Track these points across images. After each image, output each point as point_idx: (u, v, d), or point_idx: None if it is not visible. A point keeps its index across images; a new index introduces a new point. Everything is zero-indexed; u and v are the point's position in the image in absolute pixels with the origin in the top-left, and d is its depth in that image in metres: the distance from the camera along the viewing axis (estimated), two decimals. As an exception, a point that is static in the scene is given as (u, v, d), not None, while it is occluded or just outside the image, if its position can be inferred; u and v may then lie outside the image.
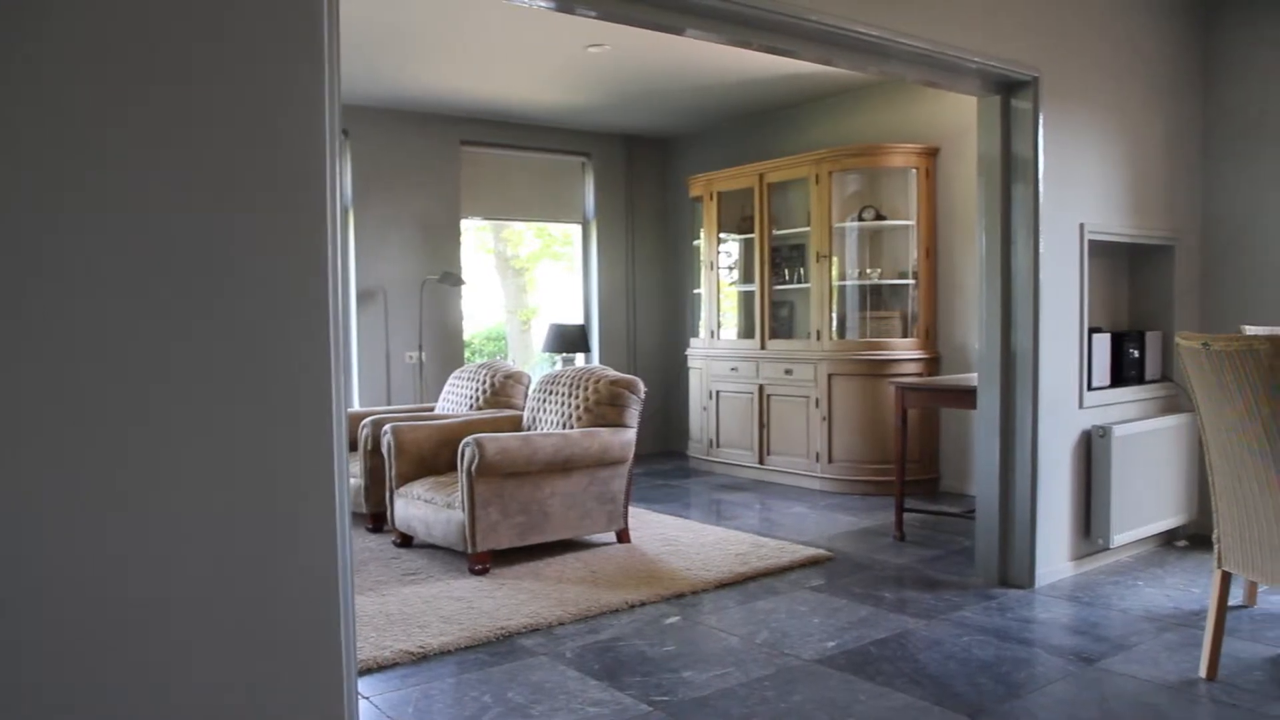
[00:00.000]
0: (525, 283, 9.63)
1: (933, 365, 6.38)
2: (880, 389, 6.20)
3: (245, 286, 1.91)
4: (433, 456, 5.08)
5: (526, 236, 9.39)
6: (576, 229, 8.27)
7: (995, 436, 4.21)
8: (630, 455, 4.93)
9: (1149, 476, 4.53)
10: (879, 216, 6.53)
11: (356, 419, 5.70)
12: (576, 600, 4.00)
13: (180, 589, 1.85)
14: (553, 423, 5.16)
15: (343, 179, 6.64)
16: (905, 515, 5.18)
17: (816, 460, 6.54)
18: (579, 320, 8.11)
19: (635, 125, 7.87)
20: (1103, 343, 4.53)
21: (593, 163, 8.09)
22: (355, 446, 5.52)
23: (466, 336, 7.65)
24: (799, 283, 6.88)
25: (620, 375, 5.07)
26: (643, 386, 5.06)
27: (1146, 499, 4.53)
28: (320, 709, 2.02)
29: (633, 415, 4.97)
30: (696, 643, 3.55)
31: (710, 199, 7.39)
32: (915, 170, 6.34)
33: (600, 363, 7.96)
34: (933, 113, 6.31)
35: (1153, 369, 4.82)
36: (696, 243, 7.71)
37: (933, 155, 6.33)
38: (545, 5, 2.91)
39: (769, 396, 6.90)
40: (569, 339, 7.60)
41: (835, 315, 6.54)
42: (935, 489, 6.36)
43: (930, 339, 6.39)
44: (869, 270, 6.58)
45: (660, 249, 8.50)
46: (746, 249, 7.41)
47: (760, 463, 6.97)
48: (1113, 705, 2.94)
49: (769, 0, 3.07)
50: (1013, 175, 4.15)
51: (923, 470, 6.29)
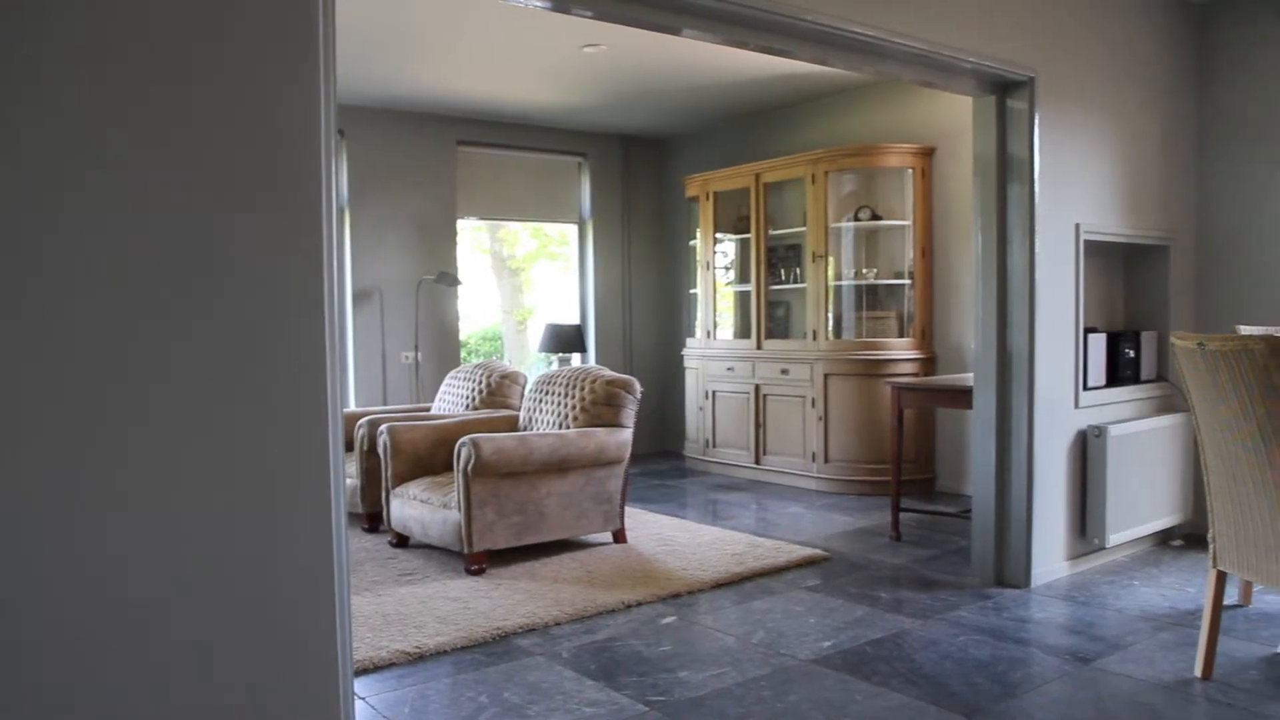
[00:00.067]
0: (521, 283, 9.62)
1: (929, 365, 6.39)
2: (876, 389, 6.21)
3: (241, 287, 1.91)
4: (429, 456, 5.08)
5: (522, 236, 9.39)
6: (572, 229, 8.26)
7: (991, 436, 4.22)
8: (626, 455, 4.93)
9: (1144, 476, 4.54)
10: (875, 216, 6.54)
11: (352, 419, 5.70)
12: (573, 600, 4.00)
13: (177, 589, 1.84)
14: (549, 423, 5.16)
15: (339, 179, 6.64)
16: (901, 515, 5.18)
17: (813, 460, 6.55)
18: (575, 320, 8.11)
19: (631, 125, 7.87)
20: (1098, 343, 4.53)
21: (589, 163, 8.08)
22: (351, 446, 5.52)
23: (463, 336, 7.64)
24: (795, 283, 6.89)
25: (616, 375, 5.06)
26: (639, 386, 5.06)
27: (1142, 499, 4.54)
28: (316, 709, 2.01)
29: (629, 415, 4.97)
30: (693, 643, 3.55)
31: (706, 199, 7.39)
32: (911, 170, 6.35)
33: (596, 363, 7.95)
34: (928, 113, 6.32)
35: (1148, 369, 4.83)
36: (693, 243, 7.71)
37: (929, 155, 6.33)
38: (541, 5, 2.91)
39: (765, 396, 6.91)
40: (565, 339, 7.60)
41: (831, 315, 6.54)
42: (931, 489, 6.36)
43: (926, 339, 6.40)
44: (865, 270, 6.59)
45: (656, 249, 8.50)
46: (743, 249, 7.41)
47: (756, 463, 6.97)
48: (1108, 705, 2.94)
49: (765, 0, 3.07)
50: (1008, 175, 4.15)
51: (919, 470, 6.30)
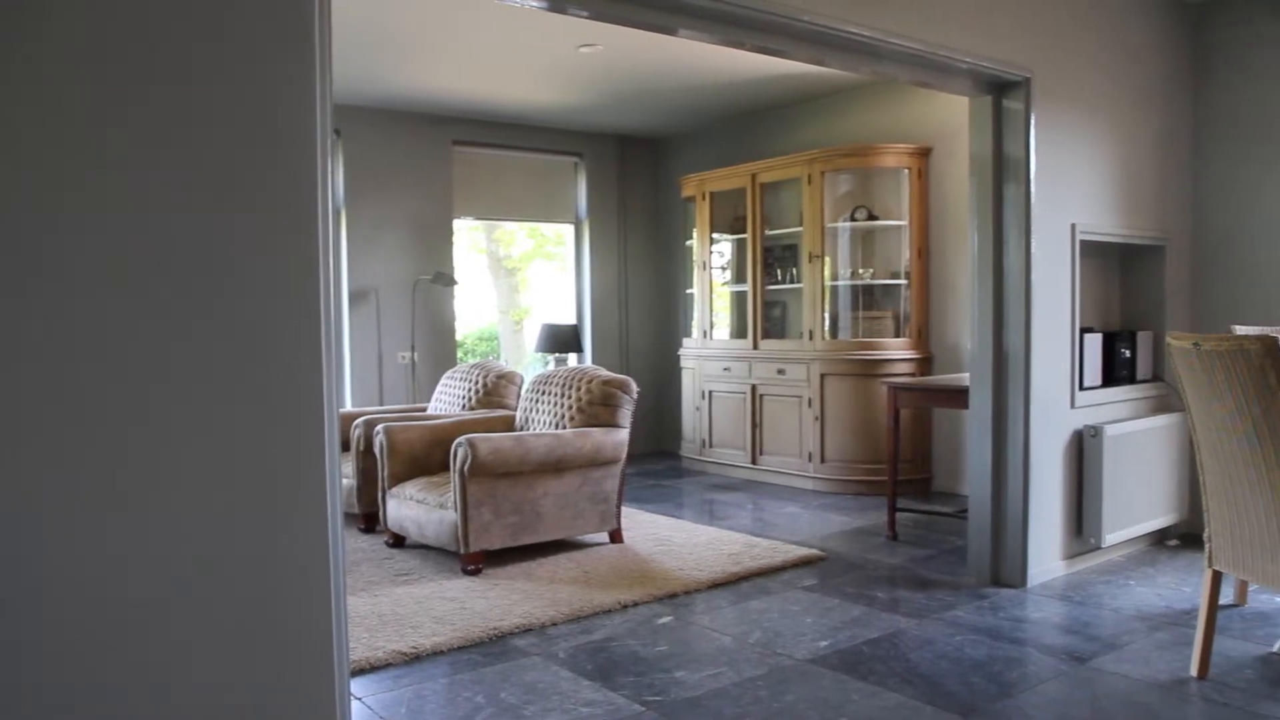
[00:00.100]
0: (518, 283, 9.62)
1: (925, 365, 6.39)
2: (873, 389, 6.21)
3: (237, 287, 1.90)
4: (425, 457, 5.07)
5: (519, 236, 9.38)
6: (569, 229, 8.26)
7: (987, 436, 4.22)
8: (623, 455, 4.93)
9: (1140, 476, 4.54)
10: (871, 216, 6.54)
11: (349, 419, 5.69)
12: (569, 600, 4.00)
13: (174, 590, 1.84)
14: (545, 423, 5.15)
15: (335, 179, 6.63)
16: (898, 515, 5.18)
17: (809, 460, 6.55)
18: (571, 320, 8.10)
19: (628, 125, 7.87)
20: (1094, 343, 4.54)
21: (585, 163, 8.08)
22: (348, 447, 5.51)
23: (459, 337, 7.63)
24: (791, 283, 6.89)
25: (613, 375, 5.06)
26: (635, 387, 5.05)
27: (1138, 498, 4.55)
28: (313, 710, 2.01)
29: (625, 415, 4.97)
30: (689, 643, 3.55)
31: (703, 199, 7.39)
32: (907, 170, 6.35)
33: (593, 363, 7.95)
34: (925, 113, 6.32)
35: (1144, 369, 4.84)
36: (689, 243, 7.71)
37: (925, 155, 6.34)
38: (537, 5, 2.90)
39: (762, 396, 6.91)
40: (561, 339, 7.59)
41: (828, 315, 6.55)
42: (927, 489, 6.37)
43: (922, 339, 6.40)
44: (861, 270, 6.59)
45: (653, 249, 8.50)
46: (739, 249, 7.41)
47: (753, 463, 6.97)
48: (1104, 704, 2.95)
49: (761, 1, 3.07)
50: (1004, 175, 4.16)
51: (915, 470, 6.30)
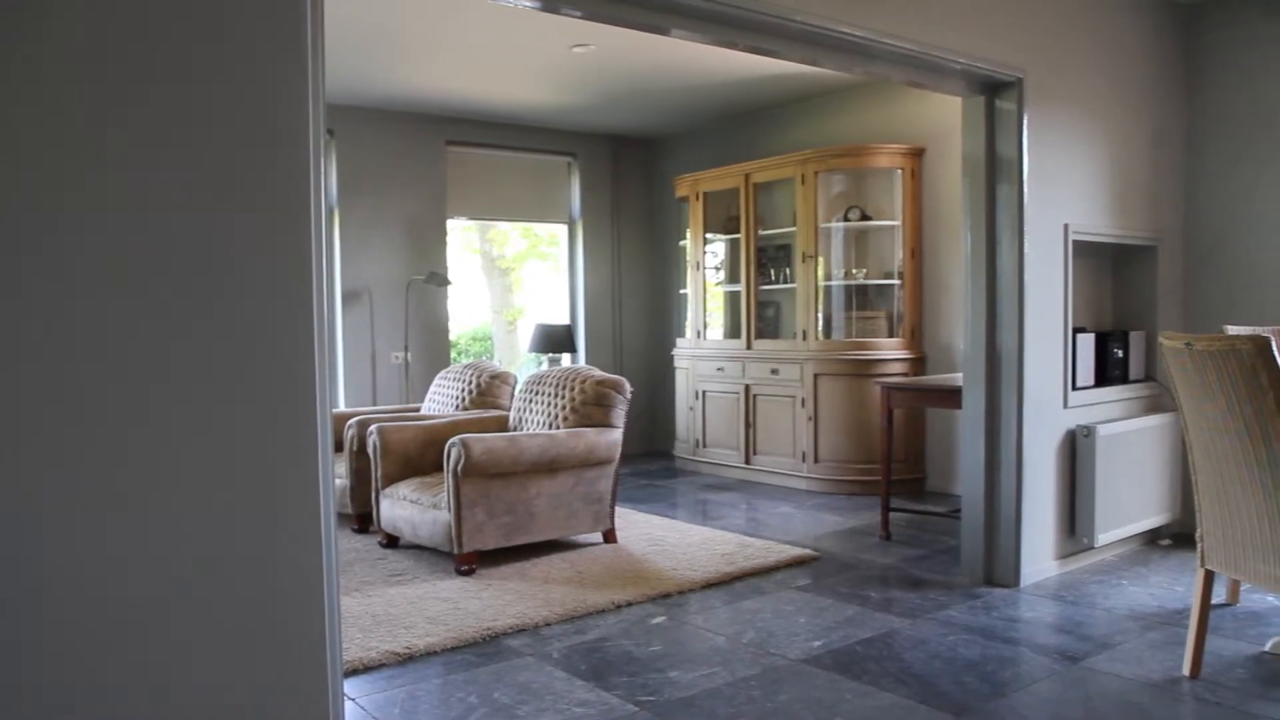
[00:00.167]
0: (511, 283, 9.61)
1: (918, 365, 6.40)
2: (866, 389, 6.22)
3: (230, 287, 1.90)
4: (419, 457, 5.06)
5: (512, 236, 9.38)
6: (562, 229, 8.25)
7: (980, 436, 4.22)
8: (616, 455, 4.93)
9: (1133, 476, 4.55)
10: (864, 217, 6.54)
11: (342, 419, 5.68)
12: (563, 601, 3.99)
13: (169, 591, 1.84)
14: (539, 423, 5.15)
15: (328, 179, 6.61)
16: (891, 515, 5.19)
17: (803, 460, 6.55)
18: (565, 320, 8.10)
19: (621, 125, 7.86)
20: (1087, 343, 4.55)
21: (578, 163, 8.08)
22: (341, 447, 5.50)
23: (452, 337, 7.62)
24: (785, 283, 6.89)
25: (606, 375, 5.06)
26: (629, 387, 5.05)
27: (1130, 498, 4.56)
28: (306, 711, 2.01)
29: (619, 415, 4.97)
30: (683, 643, 3.55)
31: (696, 199, 7.39)
32: (901, 170, 6.36)
33: (586, 363, 7.94)
34: (918, 113, 6.33)
35: (1136, 369, 4.85)
36: (682, 243, 7.70)
37: (918, 156, 6.34)
38: (530, 5, 2.90)
39: (755, 396, 6.91)
40: (555, 339, 7.59)
41: (821, 315, 6.55)
42: (921, 489, 6.37)
43: (916, 339, 6.41)
44: (855, 270, 6.60)
45: (646, 249, 8.49)
46: (732, 249, 7.41)
47: (746, 463, 6.97)
48: (1097, 704, 2.95)
49: (754, 1, 3.07)
50: (997, 176, 4.16)
51: (908, 470, 6.31)
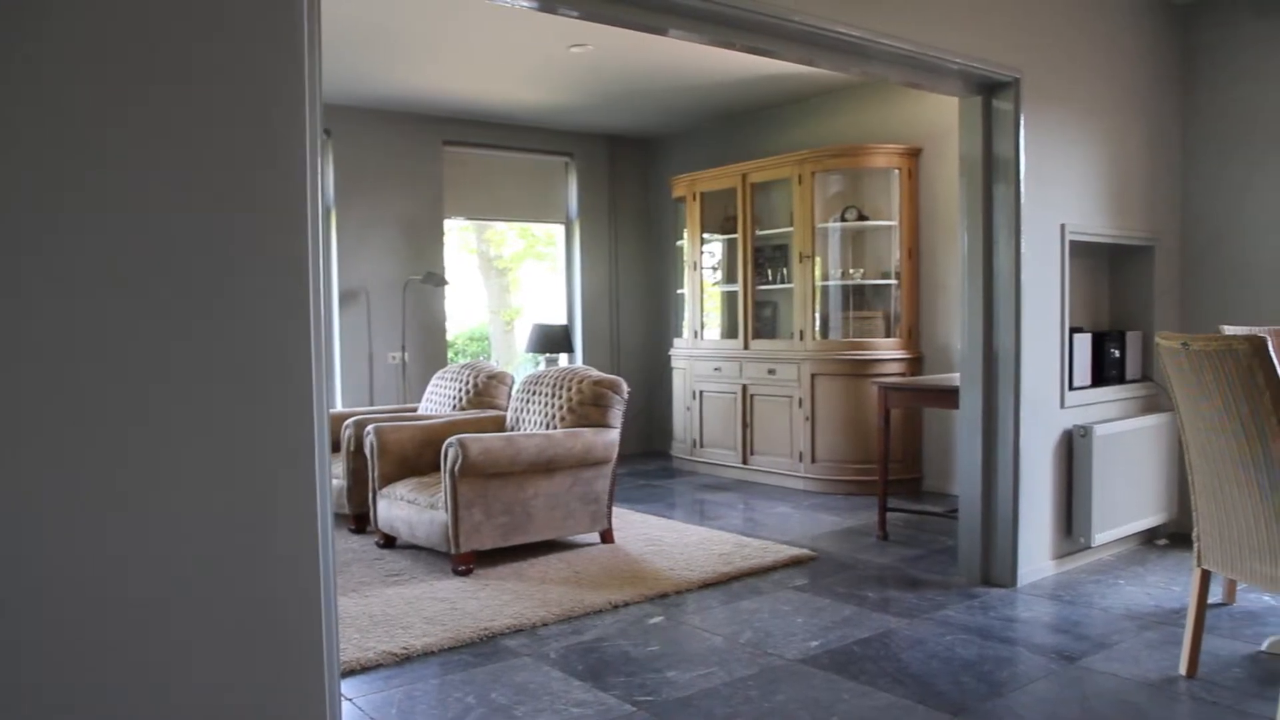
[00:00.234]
0: (508, 283, 9.61)
1: (915, 365, 6.40)
2: (863, 389, 6.22)
3: (225, 288, 1.89)
4: (416, 457, 5.06)
5: (510, 237, 9.37)
6: (560, 229, 8.25)
7: (977, 436, 4.23)
8: (614, 455, 4.93)
9: (1130, 476, 4.56)
10: (861, 217, 6.55)
11: (339, 419, 5.67)
12: (560, 601, 3.99)
13: (166, 590, 1.83)
14: (536, 423, 5.15)
15: (325, 179, 6.61)
16: (888, 515, 5.19)
17: (800, 460, 6.55)
18: (562, 320, 8.10)
19: (618, 125, 7.86)
20: (1084, 343, 4.55)
21: (576, 163, 8.07)
22: (338, 447, 5.50)
23: (450, 337, 7.62)
24: (782, 283, 6.89)
25: (603, 375, 5.06)
26: (626, 387, 5.05)
27: (1127, 498, 4.56)
28: (303, 711, 2.00)
29: (616, 415, 4.97)
30: (680, 643, 3.55)
31: (693, 199, 7.39)
32: (897, 171, 6.36)
33: (583, 363, 7.94)
34: (915, 113, 6.33)
35: (1133, 369, 4.85)
36: (680, 243, 7.71)
37: (915, 156, 6.35)
38: (528, 5, 2.90)
39: (752, 396, 6.91)
40: (552, 339, 7.59)
41: (818, 315, 6.55)
42: (918, 488, 6.38)
43: (913, 339, 6.42)
44: (852, 270, 6.60)
45: (643, 249, 8.49)
46: (729, 249, 7.42)
47: (744, 463, 6.97)
48: (1094, 703, 2.96)
49: (752, 1, 3.07)
50: (994, 176, 4.17)
51: (905, 470, 6.31)
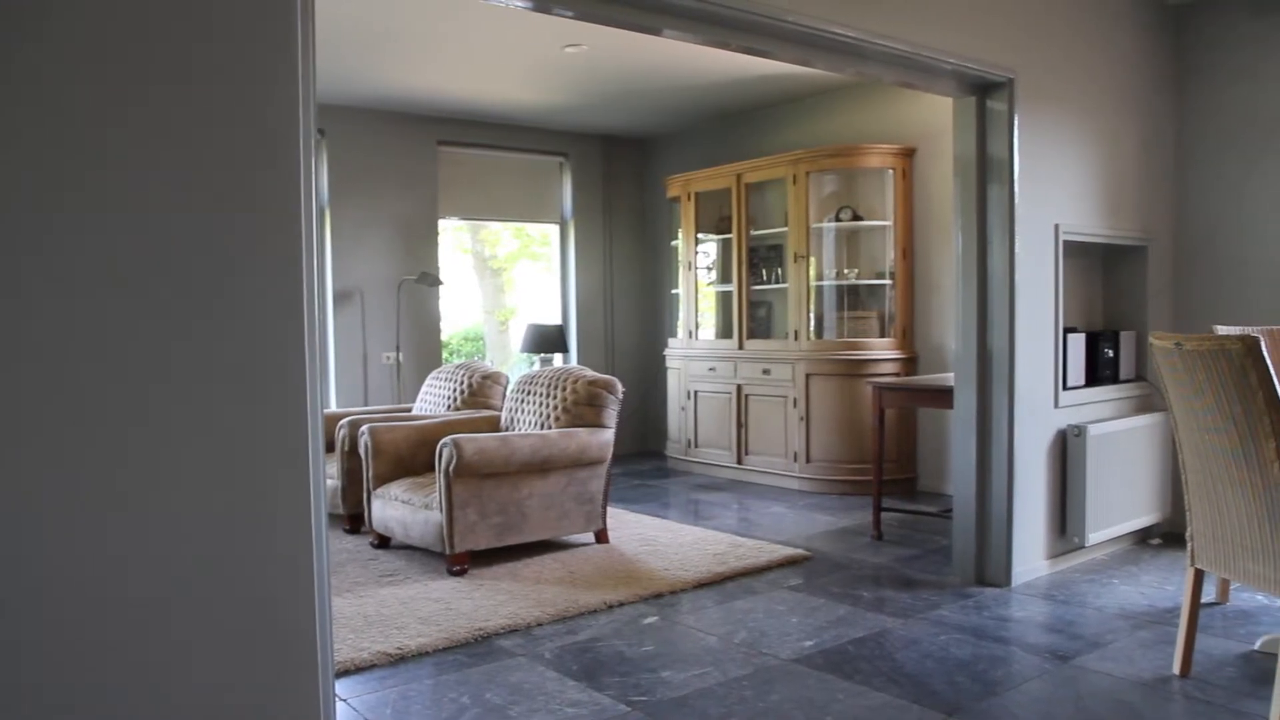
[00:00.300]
0: (503, 283, 9.59)
1: (910, 365, 6.41)
2: (858, 389, 6.23)
3: (221, 288, 1.89)
4: (410, 457, 5.05)
5: (504, 237, 9.36)
6: (554, 229, 8.25)
7: (972, 436, 4.23)
8: (608, 455, 4.92)
9: (1124, 475, 4.57)
10: (856, 217, 6.55)
11: (333, 419, 5.67)
12: (555, 601, 3.99)
13: (163, 591, 1.83)
14: (531, 423, 5.14)
15: (319, 179, 6.60)
16: (883, 515, 5.20)
17: (794, 460, 6.56)
18: (557, 321, 8.09)
19: (613, 125, 7.86)
20: (1078, 342, 4.56)
21: (570, 163, 8.07)
22: (332, 447, 5.49)
23: (444, 337, 7.61)
24: (777, 283, 6.90)
25: (598, 375, 5.06)
26: (621, 387, 5.05)
27: (1121, 498, 4.57)
28: (297, 711, 2.00)
29: (611, 415, 4.96)
30: (675, 643, 3.55)
31: (688, 199, 7.39)
32: (892, 171, 6.37)
33: (578, 363, 7.94)
34: (909, 114, 6.34)
35: (1127, 369, 4.86)
36: (674, 243, 7.71)
37: (909, 156, 6.36)
38: (522, 5, 2.90)
39: (747, 396, 6.91)
40: (547, 339, 7.58)
41: (813, 315, 6.56)
42: (913, 488, 6.39)
43: (907, 339, 6.42)
44: (846, 270, 6.61)
45: (638, 249, 8.49)
46: (724, 249, 7.42)
47: (738, 463, 6.98)
48: (1088, 702, 2.96)
49: (747, 1, 3.07)
50: (988, 176, 4.17)
51: (900, 470, 6.32)
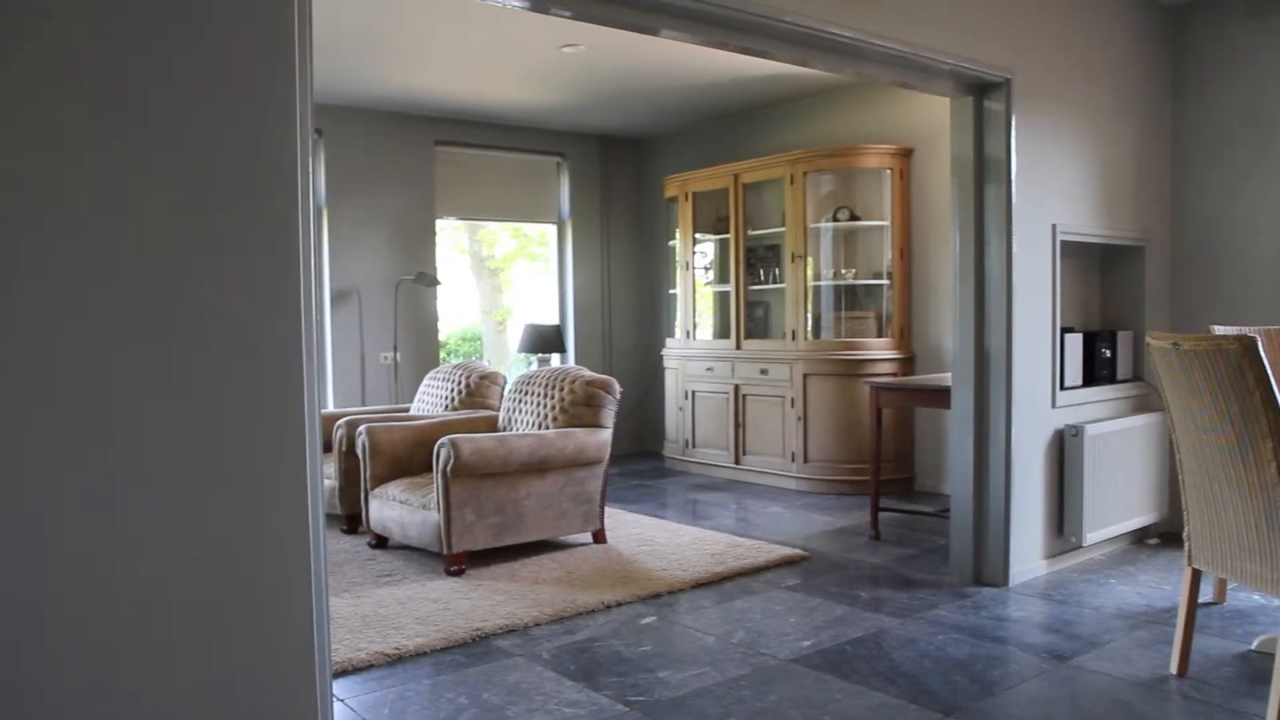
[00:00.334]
0: (501, 283, 9.59)
1: (907, 365, 6.41)
2: (855, 389, 6.23)
3: (218, 288, 1.89)
4: (408, 457, 5.05)
5: (502, 237, 9.36)
6: (552, 229, 8.25)
7: (969, 436, 4.23)
8: (606, 455, 4.92)
9: (1121, 475, 4.57)
10: (853, 217, 6.56)
11: (331, 420, 5.66)
12: (552, 601, 3.99)
13: (160, 591, 1.83)
14: (528, 423, 5.14)
15: (316, 179, 6.59)
16: (880, 514, 5.20)
17: (792, 460, 6.56)
18: (554, 321, 8.09)
19: (610, 125, 7.86)
20: (1075, 342, 4.56)
21: (568, 163, 8.07)
22: (330, 447, 5.48)
23: (442, 337, 7.61)
24: (774, 283, 6.90)
25: (596, 375, 5.06)
26: (618, 387, 5.05)
27: (1118, 497, 4.58)
28: (295, 711, 2.00)
29: (608, 415, 4.96)
30: (673, 643, 3.55)
31: (685, 199, 7.39)
32: (889, 171, 6.37)
33: (576, 363, 7.94)
34: (907, 114, 6.34)
35: (1124, 368, 4.87)
36: (672, 243, 7.71)
37: (907, 156, 6.36)
38: (520, 5, 2.89)
39: (745, 396, 6.92)
40: (544, 339, 7.58)
41: (810, 315, 6.56)
42: (910, 488, 6.39)
43: (904, 339, 6.43)
44: (844, 270, 6.61)
45: (636, 249, 8.49)
46: (722, 249, 7.42)
47: (736, 463, 6.98)
48: (1085, 702, 2.96)
49: (744, 1, 3.07)
50: (985, 176, 4.18)
51: (898, 470, 6.32)
